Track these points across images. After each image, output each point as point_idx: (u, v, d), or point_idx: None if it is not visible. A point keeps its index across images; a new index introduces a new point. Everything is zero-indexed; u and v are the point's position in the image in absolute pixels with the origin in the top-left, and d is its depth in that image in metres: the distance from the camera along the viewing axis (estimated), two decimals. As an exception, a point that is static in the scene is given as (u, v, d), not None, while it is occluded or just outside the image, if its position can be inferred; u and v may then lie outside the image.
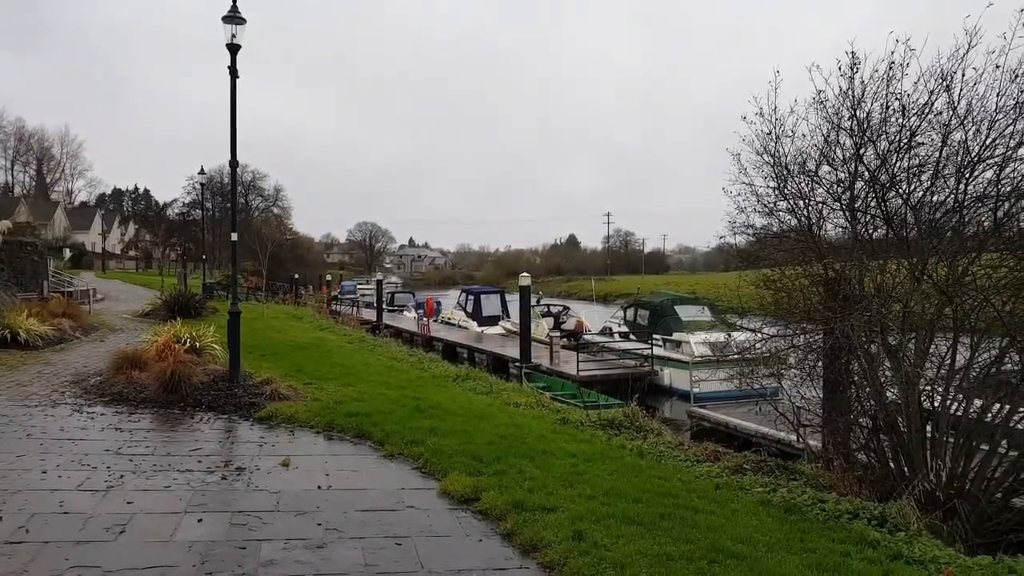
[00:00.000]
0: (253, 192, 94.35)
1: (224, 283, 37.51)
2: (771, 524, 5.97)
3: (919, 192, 7.86)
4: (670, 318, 23.53)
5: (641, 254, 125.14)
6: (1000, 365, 7.29)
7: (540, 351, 23.39)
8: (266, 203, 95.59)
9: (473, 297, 36.47)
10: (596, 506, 6.13)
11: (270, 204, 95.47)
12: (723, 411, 14.48)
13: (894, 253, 8.12)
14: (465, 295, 37.98)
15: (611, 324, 28.29)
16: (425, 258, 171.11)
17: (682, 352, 21.10)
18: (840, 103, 8.20)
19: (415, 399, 10.86)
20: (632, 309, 26.63)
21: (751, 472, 7.93)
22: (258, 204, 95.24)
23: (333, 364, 15.01)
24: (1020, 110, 7.07)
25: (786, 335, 8.95)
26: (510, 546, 5.51)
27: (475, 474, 7.05)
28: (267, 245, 35.23)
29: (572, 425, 10.28)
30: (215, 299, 32.31)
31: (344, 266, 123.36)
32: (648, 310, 25.15)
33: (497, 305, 36.17)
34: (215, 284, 39.38)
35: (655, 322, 23.99)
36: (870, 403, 8.05)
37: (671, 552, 5.11)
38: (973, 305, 7.40)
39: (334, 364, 15.02)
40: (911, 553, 5.54)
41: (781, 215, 9.12)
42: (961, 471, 7.22)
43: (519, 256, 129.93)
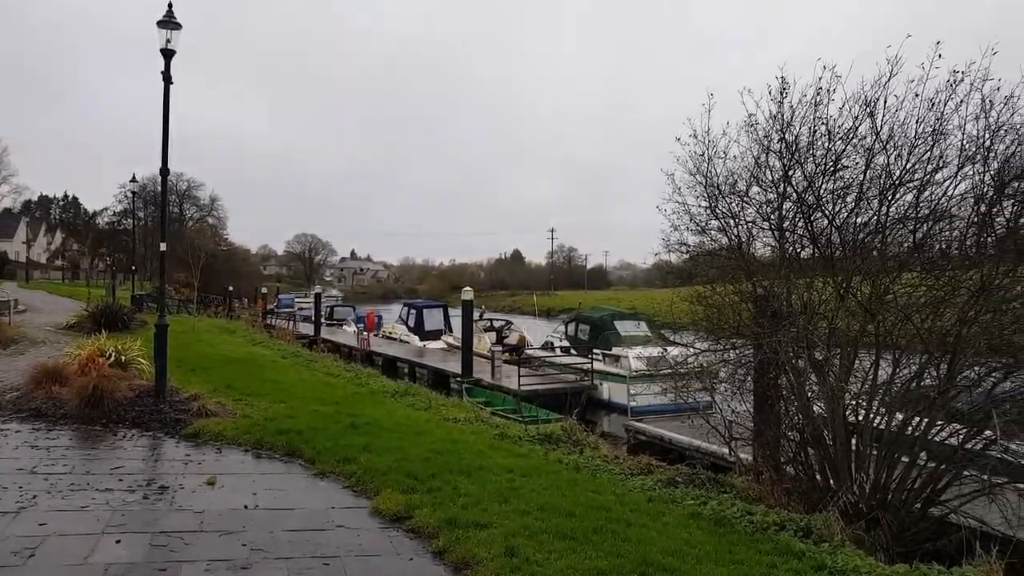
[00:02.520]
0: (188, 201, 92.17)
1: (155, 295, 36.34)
2: (701, 536, 6.08)
3: (844, 213, 8.18)
4: (610, 333, 23.81)
5: (584, 270, 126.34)
6: (920, 380, 7.56)
7: (482, 366, 23.33)
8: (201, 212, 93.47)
9: (415, 311, 36.17)
10: (530, 521, 6.13)
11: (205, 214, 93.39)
12: (659, 425, 14.66)
13: (820, 271, 8.40)
14: (407, 309, 37.64)
15: (552, 339, 28.43)
16: (367, 271, 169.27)
17: (620, 366, 21.35)
18: (770, 126, 8.48)
19: (350, 415, 10.70)
20: (573, 324, 26.84)
21: (683, 485, 8.05)
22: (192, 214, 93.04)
23: (265, 380, 14.66)
24: (937, 137, 7.42)
25: (717, 350, 9.17)
26: (442, 564, 5.47)
27: (409, 491, 6.97)
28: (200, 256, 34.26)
29: (510, 440, 10.27)
30: (145, 311, 31.27)
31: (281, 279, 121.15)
32: (589, 325, 25.39)
33: (440, 319, 35.94)
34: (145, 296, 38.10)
35: (595, 337, 24.23)
36: (798, 417, 8.28)
37: (602, 566, 5.14)
38: (894, 322, 7.69)
39: (266, 380, 14.67)
40: (834, 564, 5.70)
41: (713, 233, 9.36)
42: (883, 483, 7.46)
43: (463, 270, 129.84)
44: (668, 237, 9.74)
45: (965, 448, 7.14)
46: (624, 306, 35.11)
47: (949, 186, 7.49)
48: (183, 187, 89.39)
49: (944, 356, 7.26)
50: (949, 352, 7.19)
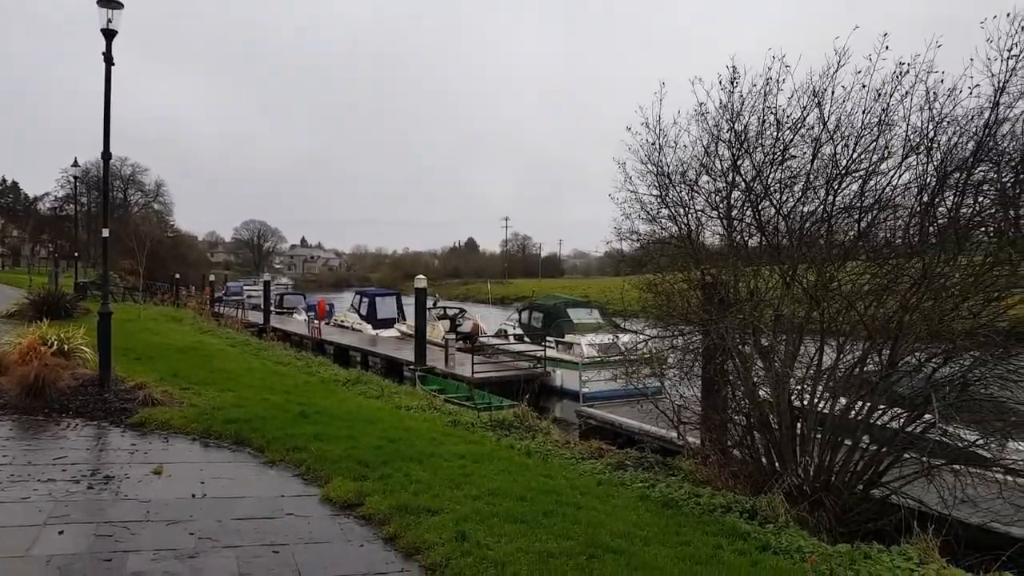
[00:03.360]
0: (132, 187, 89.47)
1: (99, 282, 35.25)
2: (649, 518, 6.17)
3: (791, 202, 8.31)
4: (563, 320, 23.97)
5: (538, 258, 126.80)
6: (863, 366, 7.74)
7: (435, 354, 23.24)
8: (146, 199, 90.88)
9: (368, 299, 35.83)
10: (481, 506, 6.14)
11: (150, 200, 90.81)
12: (610, 410, 14.81)
13: (767, 260, 8.54)
14: (359, 297, 37.25)
15: (506, 326, 28.50)
16: (318, 259, 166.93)
17: (573, 353, 21.52)
18: (720, 116, 8.55)
19: (300, 404, 10.56)
20: (527, 312, 26.95)
21: (632, 468, 8.16)
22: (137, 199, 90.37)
23: (213, 368, 14.37)
24: (883, 127, 7.58)
25: (666, 336, 9.27)
26: (392, 550, 5.45)
27: (359, 479, 6.93)
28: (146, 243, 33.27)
29: (463, 427, 10.27)
30: (88, 299, 30.36)
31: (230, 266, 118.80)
32: (542, 313, 25.52)
33: (393, 307, 35.68)
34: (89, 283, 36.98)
35: (548, 324, 24.37)
36: (744, 401, 8.43)
37: (552, 549, 5.18)
38: (839, 309, 7.86)
39: (214, 368, 14.38)
40: (779, 544, 5.85)
41: (663, 222, 9.43)
42: (827, 465, 7.65)
43: (417, 258, 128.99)
44: (620, 225, 9.81)
45: (905, 431, 7.34)
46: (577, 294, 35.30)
47: (894, 176, 7.66)
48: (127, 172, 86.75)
49: (886, 342, 7.43)
50: (891, 338, 7.36)
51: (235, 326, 31.58)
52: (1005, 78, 6.71)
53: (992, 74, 6.75)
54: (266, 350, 21.11)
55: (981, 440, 7.14)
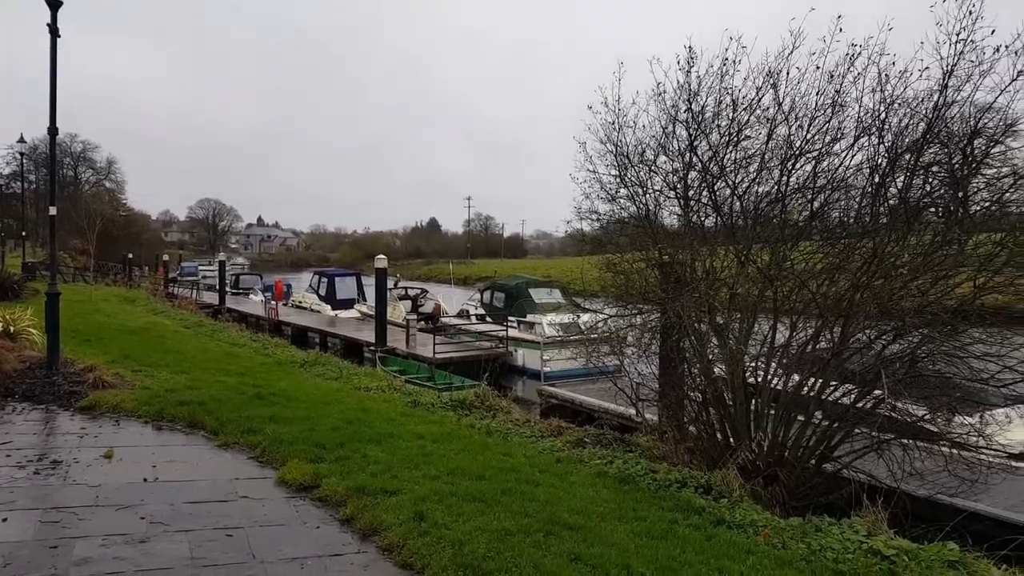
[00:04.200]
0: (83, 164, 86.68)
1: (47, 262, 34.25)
2: (606, 495, 6.23)
3: (746, 183, 8.40)
4: (524, 300, 24.02)
5: (501, 239, 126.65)
6: (815, 343, 7.89)
7: (397, 334, 23.11)
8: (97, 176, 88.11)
9: (327, 279, 35.35)
10: (440, 486, 6.14)
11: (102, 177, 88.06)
12: (571, 388, 14.92)
13: (723, 240, 8.63)
14: (318, 277, 36.73)
15: (468, 307, 28.47)
16: (275, 238, 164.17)
17: (535, 333, 21.60)
18: (678, 96, 8.57)
19: (255, 386, 10.41)
20: (489, 292, 26.92)
21: (591, 445, 8.24)
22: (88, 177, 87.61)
23: (166, 350, 14.08)
24: (836, 109, 7.68)
25: (625, 315, 9.34)
26: (349, 531, 5.42)
27: (316, 461, 6.86)
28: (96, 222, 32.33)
29: (423, 407, 10.24)
30: (37, 280, 29.49)
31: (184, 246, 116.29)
32: (504, 293, 25.52)
33: (353, 288, 35.29)
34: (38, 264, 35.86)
35: (510, 304, 24.40)
36: (700, 378, 8.54)
37: (509, 527, 5.20)
38: (792, 288, 7.99)
39: (167, 350, 14.09)
40: (733, 518, 5.96)
41: (622, 202, 9.46)
42: (780, 441, 7.80)
43: (378, 238, 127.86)
44: (580, 205, 9.81)
45: (856, 407, 7.52)
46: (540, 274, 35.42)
47: (846, 157, 7.78)
48: (77, 149, 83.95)
49: (838, 320, 7.58)
50: (842, 316, 7.51)
51: (190, 307, 31.01)
52: (953, 61, 6.83)
53: (941, 57, 6.87)
54: (221, 331, 20.77)
55: (929, 415, 7.35)
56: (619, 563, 4.65)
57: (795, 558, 5.17)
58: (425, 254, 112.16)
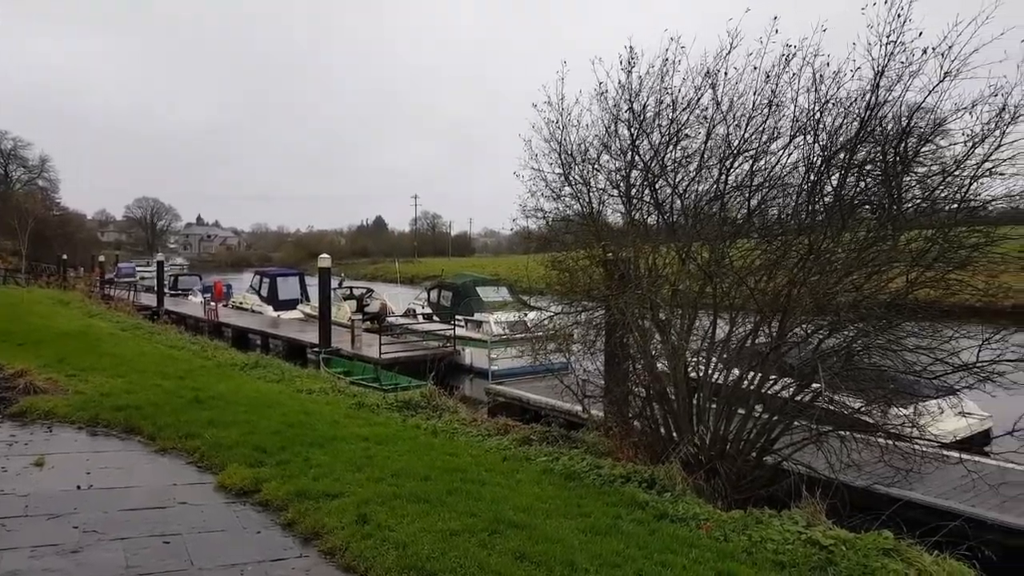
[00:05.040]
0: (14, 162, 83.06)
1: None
2: (552, 492, 6.24)
3: (685, 181, 8.52)
4: (472, 299, 23.92)
5: (448, 237, 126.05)
6: (754, 338, 8.05)
7: (341, 335, 22.76)
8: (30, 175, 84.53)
9: (268, 280, 34.60)
10: (384, 488, 6.07)
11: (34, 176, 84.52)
12: (519, 386, 14.94)
13: (665, 237, 8.74)
14: (259, 278, 35.91)
15: (415, 306, 28.22)
16: (216, 238, 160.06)
17: (482, 331, 21.55)
18: (620, 96, 8.65)
19: (194, 389, 10.13)
20: (436, 291, 26.74)
21: (538, 443, 8.25)
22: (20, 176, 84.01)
23: (102, 354, 13.57)
24: (772, 109, 7.84)
25: (570, 312, 9.39)
26: (291, 535, 5.32)
27: (257, 465, 6.72)
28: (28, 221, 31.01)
29: (368, 409, 10.11)
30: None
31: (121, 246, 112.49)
32: (451, 291, 25.38)
33: (295, 288, 34.62)
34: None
35: (458, 303, 24.27)
36: (644, 374, 8.64)
37: (455, 527, 5.17)
38: (731, 284, 8.13)
39: (103, 354, 13.59)
40: (675, 512, 6.03)
41: (567, 200, 9.50)
42: (722, 434, 7.93)
43: (322, 237, 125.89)
44: (525, 203, 9.82)
45: (795, 400, 7.70)
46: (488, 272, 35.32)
47: (783, 156, 7.95)
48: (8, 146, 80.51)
49: (776, 315, 7.74)
50: (780, 311, 7.67)
51: (126, 309, 29.99)
52: (884, 62, 7.03)
53: (873, 58, 7.07)
54: (159, 334, 20.13)
55: (865, 407, 7.56)
56: (564, 560, 4.66)
57: (737, 550, 5.26)
58: (371, 253, 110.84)
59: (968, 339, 7.31)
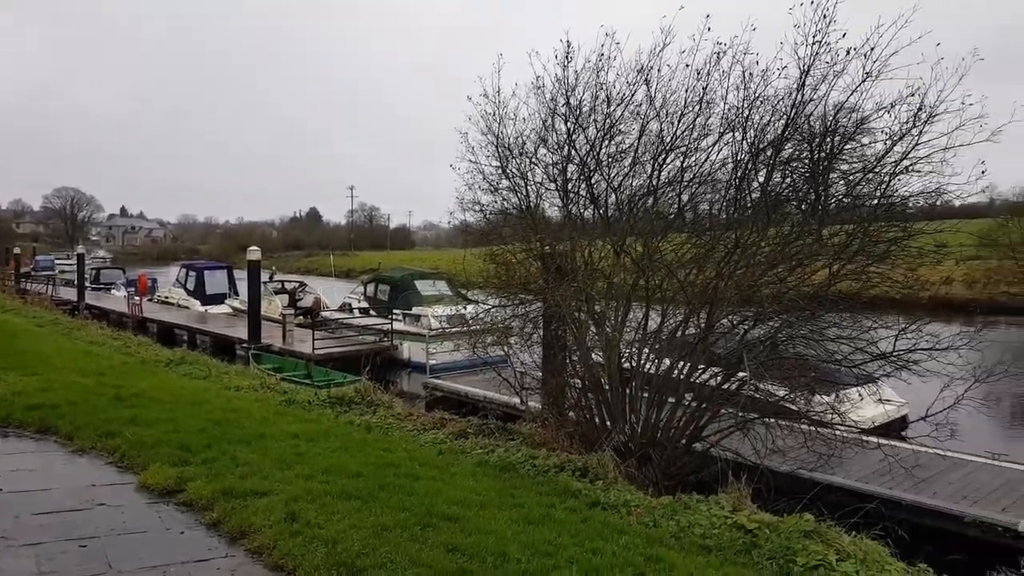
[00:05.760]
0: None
1: None
2: (487, 484, 6.25)
3: (620, 176, 8.62)
4: (410, 293, 23.67)
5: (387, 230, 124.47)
6: (684, 329, 8.23)
7: (272, 331, 22.25)
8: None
9: (195, 273, 33.51)
10: (314, 485, 5.96)
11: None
12: (457, 380, 14.89)
13: (600, 231, 8.83)
14: (186, 271, 34.75)
15: (351, 300, 27.78)
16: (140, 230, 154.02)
17: (420, 326, 21.37)
18: (556, 90, 8.68)
19: (115, 387, 9.73)
20: (373, 285, 26.37)
21: (474, 436, 8.24)
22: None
23: (17, 351, 12.92)
24: (704, 106, 7.98)
25: (508, 305, 9.41)
26: (216, 535, 5.17)
27: (181, 464, 6.50)
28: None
29: (299, 405, 9.93)
30: None
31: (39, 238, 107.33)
32: (389, 285, 25.07)
33: (224, 282, 33.63)
34: None
35: (395, 297, 23.99)
36: (579, 365, 8.74)
37: (386, 522, 5.12)
38: (663, 278, 8.28)
39: (18, 351, 12.94)
40: (607, 499, 6.12)
41: (504, 193, 9.50)
42: (653, 422, 8.09)
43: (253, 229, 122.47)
44: (463, 196, 9.78)
45: (722, 388, 7.91)
46: (427, 266, 35.04)
47: (712, 152, 8.13)
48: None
49: (704, 307, 7.93)
50: (708, 303, 7.86)
51: (44, 304, 28.72)
52: (810, 61, 7.25)
53: (799, 57, 7.28)
54: (79, 329, 19.32)
55: (789, 395, 7.82)
56: (496, 551, 4.67)
57: (665, 536, 5.37)
58: (305, 246, 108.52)
59: (886, 329, 7.64)
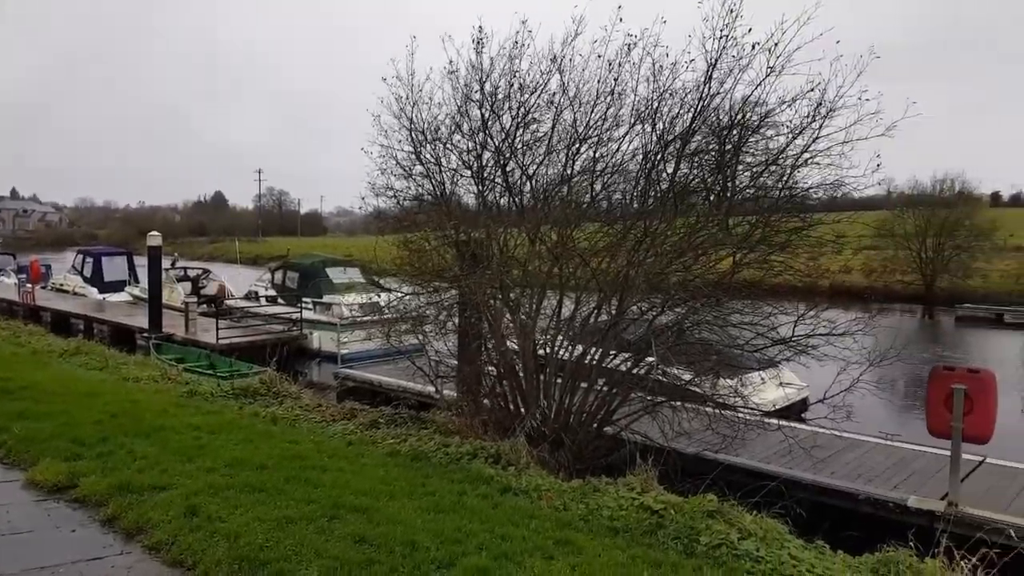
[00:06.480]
0: None
1: None
2: (397, 473, 6.19)
3: (535, 165, 8.65)
4: (321, 280, 23.11)
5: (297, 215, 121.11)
6: (597, 316, 8.36)
7: (175, 319, 21.34)
8: None
9: (92, 259, 31.73)
10: (216, 478, 5.77)
11: None
12: (370, 370, 14.66)
13: (516, 219, 8.85)
14: (82, 257, 32.87)
15: (258, 287, 26.93)
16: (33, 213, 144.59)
17: (331, 314, 20.93)
18: (471, 76, 8.61)
19: (3, 380, 9.17)
20: (281, 272, 25.61)
21: (385, 426, 8.16)
22: None
23: None
24: (615, 97, 8.09)
25: (422, 293, 9.31)
26: (111, 532, 4.95)
27: (73, 459, 6.20)
28: None
29: (201, 397, 9.59)
30: None
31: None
32: (298, 272, 24.41)
33: (123, 268, 32.02)
34: None
35: (305, 284, 23.38)
36: (495, 353, 8.75)
37: (292, 515, 5.01)
38: (576, 266, 8.37)
39: None
40: (519, 485, 6.16)
41: (418, 179, 9.36)
42: (566, 407, 8.19)
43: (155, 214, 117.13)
44: (375, 181, 9.58)
45: (632, 373, 8.08)
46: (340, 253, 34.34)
47: (623, 143, 8.25)
48: None
49: (616, 294, 8.07)
50: (620, 291, 8.01)
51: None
52: (717, 55, 7.45)
53: (707, 51, 7.45)
54: (-38, 320, 18.05)
55: (695, 379, 8.07)
56: (404, 540, 4.62)
57: (574, 519, 5.46)
58: (209, 231, 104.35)
59: (786, 316, 7.98)
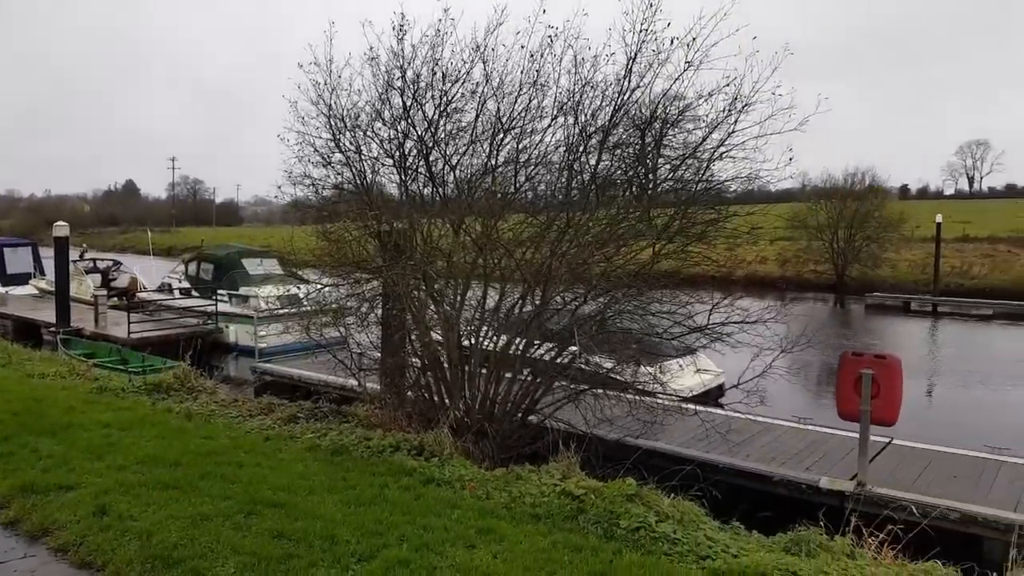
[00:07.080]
0: None
1: None
2: (317, 468, 6.09)
3: (458, 155, 8.61)
4: (237, 272, 22.41)
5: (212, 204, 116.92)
6: (521, 307, 8.41)
7: (84, 313, 20.39)
8: None
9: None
10: (127, 476, 5.58)
11: None
12: (290, 364, 14.35)
13: (439, 210, 8.79)
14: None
15: (171, 279, 25.92)
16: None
17: (248, 307, 20.36)
18: (392, 63, 8.49)
19: None
20: (195, 263, 24.70)
21: (305, 420, 8.01)
22: None
23: None
24: (538, 88, 8.12)
25: (343, 284, 9.15)
26: (14, 535, 4.75)
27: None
28: None
29: (111, 393, 9.20)
30: None
31: None
32: (213, 264, 23.59)
33: (27, 260, 30.38)
34: None
35: (220, 276, 22.64)
36: (419, 344, 8.69)
37: (207, 512, 4.89)
38: (500, 256, 8.39)
39: None
40: (442, 475, 6.16)
41: (338, 167, 9.18)
42: (491, 397, 8.22)
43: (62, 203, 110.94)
44: (292, 169, 9.35)
45: (556, 362, 8.18)
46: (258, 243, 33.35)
47: (547, 134, 8.31)
48: None
49: (540, 285, 8.14)
50: (543, 281, 8.07)
51: None
52: (636, 48, 7.57)
53: (627, 44, 7.57)
54: None
55: (616, 367, 8.23)
56: (324, 534, 4.57)
57: (497, 507, 5.50)
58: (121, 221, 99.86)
59: (702, 304, 8.22)
